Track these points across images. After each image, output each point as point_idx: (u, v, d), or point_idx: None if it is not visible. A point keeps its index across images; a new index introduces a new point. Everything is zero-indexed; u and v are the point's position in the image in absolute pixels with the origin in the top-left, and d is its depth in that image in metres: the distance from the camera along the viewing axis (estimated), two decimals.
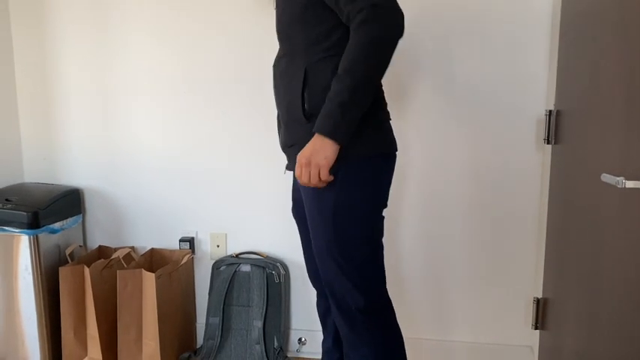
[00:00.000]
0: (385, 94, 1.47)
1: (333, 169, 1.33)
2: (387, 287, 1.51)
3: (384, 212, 1.48)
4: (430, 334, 2.18)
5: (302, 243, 1.68)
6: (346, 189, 1.37)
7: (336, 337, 1.69)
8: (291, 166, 1.50)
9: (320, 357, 1.84)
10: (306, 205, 1.45)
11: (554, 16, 1.91)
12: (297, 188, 1.61)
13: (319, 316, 1.73)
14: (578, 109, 1.66)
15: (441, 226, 2.11)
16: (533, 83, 1.98)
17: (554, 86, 1.92)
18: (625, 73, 1.30)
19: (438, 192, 2.10)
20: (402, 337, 1.53)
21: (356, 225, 1.40)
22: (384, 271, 1.49)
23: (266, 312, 2.13)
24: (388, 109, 1.48)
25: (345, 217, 1.38)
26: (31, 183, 2.31)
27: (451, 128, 2.05)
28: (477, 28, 1.98)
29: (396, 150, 1.46)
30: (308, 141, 1.35)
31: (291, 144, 1.45)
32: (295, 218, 1.67)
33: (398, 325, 1.52)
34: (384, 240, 1.49)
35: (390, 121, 1.46)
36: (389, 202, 1.53)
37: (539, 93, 1.98)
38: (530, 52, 1.96)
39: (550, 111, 1.92)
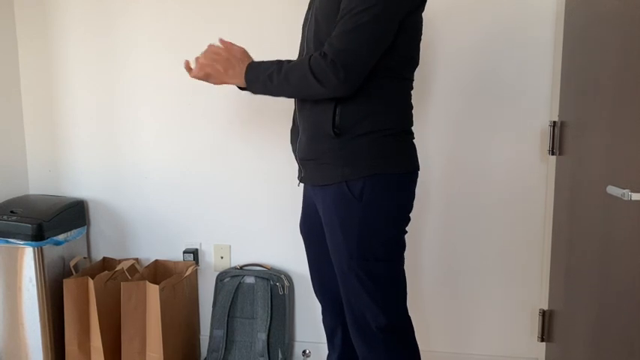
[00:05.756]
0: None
1: (359, 187, 1.35)
2: None
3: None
4: (436, 346, 2.17)
5: (308, 258, 1.67)
6: (372, 206, 1.36)
7: (342, 357, 1.67)
8: (306, 179, 1.50)
9: None
10: (326, 220, 1.44)
11: (557, 25, 1.92)
12: (310, 203, 1.59)
13: (326, 333, 1.72)
14: (582, 120, 1.66)
15: (446, 238, 2.11)
16: (537, 94, 1.98)
17: (558, 97, 1.92)
18: (629, 84, 1.30)
19: (441, 204, 2.09)
20: (419, 355, 1.50)
21: (379, 241, 1.39)
22: (405, 288, 1.48)
23: (270, 324, 2.12)
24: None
25: (370, 233, 1.38)
26: (35, 195, 2.31)
27: (454, 141, 2.05)
28: (481, 39, 1.98)
29: (419, 168, 1.46)
30: (331, 156, 1.37)
31: (312, 158, 1.43)
32: (303, 233, 1.66)
33: (416, 342, 1.50)
34: None
35: (414, 140, 1.47)
36: None
37: (542, 104, 1.98)
38: (534, 64, 1.96)
39: (554, 122, 1.92)
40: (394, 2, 1.29)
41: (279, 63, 1.37)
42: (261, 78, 1.38)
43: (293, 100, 1.57)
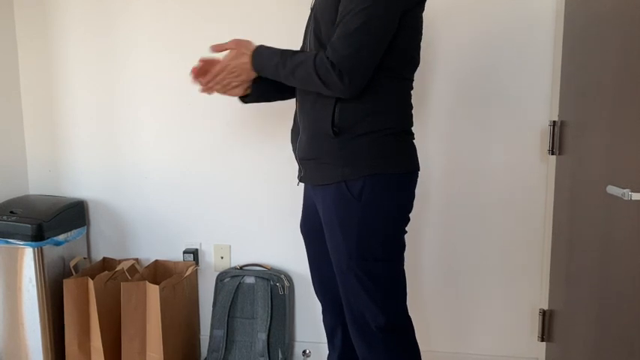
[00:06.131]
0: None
1: (359, 187, 1.35)
2: None
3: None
4: (436, 346, 2.17)
5: (309, 257, 1.67)
6: (371, 206, 1.36)
7: (342, 356, 1.68)
8: (306, 179, 1.50)
9: None
10: (326, 220, 1.44)
11: (557, 25, 1.92)
12: (310, 203, 1.59)
13: (326, 332, 1.72)
14: (582, 120, 1.66)
15: (446, 238, 2.11)
16: (537, 94, 1.98)
17: (558, 97, 1.92)
18: (629, 84, 1.30)
19: (441, 204, 2.09)
20: (420, 356, 1.50)
21: (379, 241, 1.39)
22: (405, 288, 1.47)
23: (270, 324, 2.12)
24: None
25: (369, 233, 1.38)
26: (35, 195, 2.31)
27: (454, 141, 2.05)
28: (481, 39, 1.98)
29: (419, 168, 1.46)
30: (331, 156, 1.38)
31: (312, 157, 1.43)
32: (303, 232, 1.66)
33: (417, 343, 1.49)
34: None
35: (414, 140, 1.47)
36: None
37: (542, 104, 1.98)
38: (534, 64, 1.96)
39: (554, 122, 1.92)
40: (392, 1, 1.29)
41: (282, 55, 1.38)
42: (268, 67, 1.41)
43: (294, 99, 1.57)
